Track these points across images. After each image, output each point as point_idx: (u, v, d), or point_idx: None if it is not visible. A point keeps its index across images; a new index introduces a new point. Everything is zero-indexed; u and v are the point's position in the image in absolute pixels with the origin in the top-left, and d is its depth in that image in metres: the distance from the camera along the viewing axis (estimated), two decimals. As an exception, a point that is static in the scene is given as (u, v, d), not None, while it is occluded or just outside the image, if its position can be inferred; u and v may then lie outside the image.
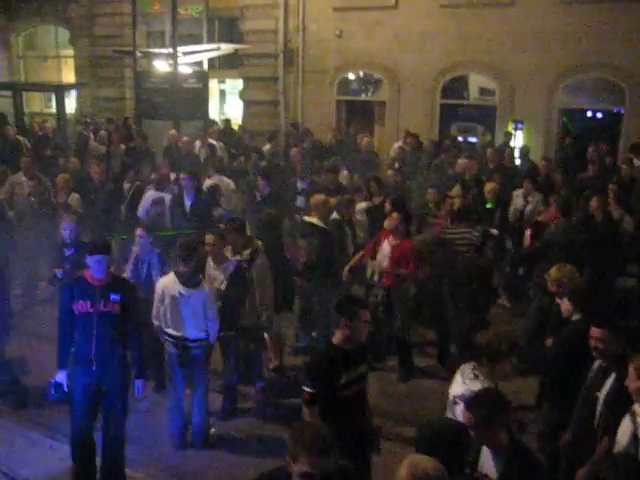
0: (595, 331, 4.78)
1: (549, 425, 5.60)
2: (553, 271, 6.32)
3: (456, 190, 11.05)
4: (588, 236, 8.58)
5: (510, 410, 3.83)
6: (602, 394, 4.73)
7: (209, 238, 7.14)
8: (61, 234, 8.40)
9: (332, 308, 5.24)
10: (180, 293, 6.42)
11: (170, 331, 6.50)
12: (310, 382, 4.59)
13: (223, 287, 7.02)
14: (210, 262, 7.27)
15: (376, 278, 8.38)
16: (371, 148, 14.22)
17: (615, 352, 4.70)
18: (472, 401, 3.77)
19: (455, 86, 16.93)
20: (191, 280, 6.51)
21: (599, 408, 4.72)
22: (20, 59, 24.72)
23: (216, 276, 7.09)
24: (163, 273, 7.28)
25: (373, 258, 8.42)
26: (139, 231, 7.81)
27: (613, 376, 4.69)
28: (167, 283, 6.53)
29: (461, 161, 12.37)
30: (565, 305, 5.79)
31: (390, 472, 3.33)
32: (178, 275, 6.48)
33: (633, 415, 4.23)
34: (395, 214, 8.26)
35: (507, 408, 3.80)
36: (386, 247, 8.15)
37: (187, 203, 10.15)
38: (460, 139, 16.26)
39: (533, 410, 6.68)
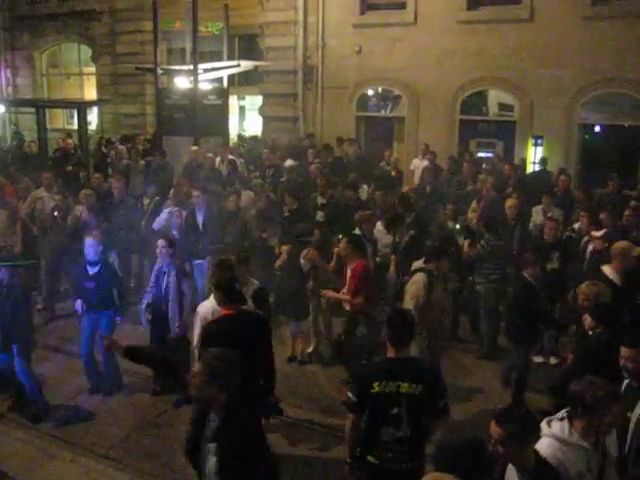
0: (625, 350, 4.70)
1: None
2: (583, 286, 6.42)
3: (473, 205, 11.04)
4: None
5: (539, 429, 3.77)
6: (635, 415, 4.56)
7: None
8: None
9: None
10: None
11: None
12: None
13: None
14: None
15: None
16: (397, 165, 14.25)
17: None
18: (502, 416, 3.73)
19: (474, 102, 16.92)
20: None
21: (631, 429, 4.55)
22: (43, 76, 25.15)
23: None
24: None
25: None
26: (161, 242, 7.84)
27: None
28: (212, 307, 6.26)
29: (482, 177, 12.36)
30: (587, 320, 5.91)
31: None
32: None
33: None
34: (343, 240, 8.22)
35: (536, 427, 3.75)
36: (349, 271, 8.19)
37: (199, 218, 10.21)
38: (480, 155, 16.21)
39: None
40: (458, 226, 10.05)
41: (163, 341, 7.87)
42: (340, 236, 8.62)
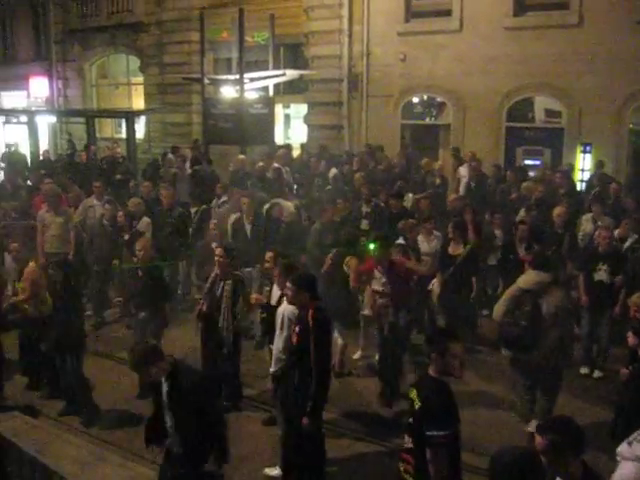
0: None
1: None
2: (635, 297, 6.31)
3: (521, 214, 10.92)
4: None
5: (584, 440, 3.70)
6: None
7: (268, 256, 7.56)
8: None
9: None
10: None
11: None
12: (445, 423, 4.33)
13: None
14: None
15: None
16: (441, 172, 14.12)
17: None
18: (545, 426, 3.68)
19: (520, 109, 16.73)
20: None
21: None
22: (93, 87, 25.72)
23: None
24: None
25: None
26: (219, 251, 7.91)
27: None
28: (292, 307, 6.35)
29: (526, 184, 12.22)
30: (630, 338, 5.87)
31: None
32: None
33: None
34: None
35: (581, 437, 3.66)
36: (378, 275, 8.16)
37: (247, 226, 10.27)
38: (527, 162, 16.01)
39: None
40: None
41: (214, 347, 7.96)
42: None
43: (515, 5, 16.01)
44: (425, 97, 18.32)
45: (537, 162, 16.00)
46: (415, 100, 18.38)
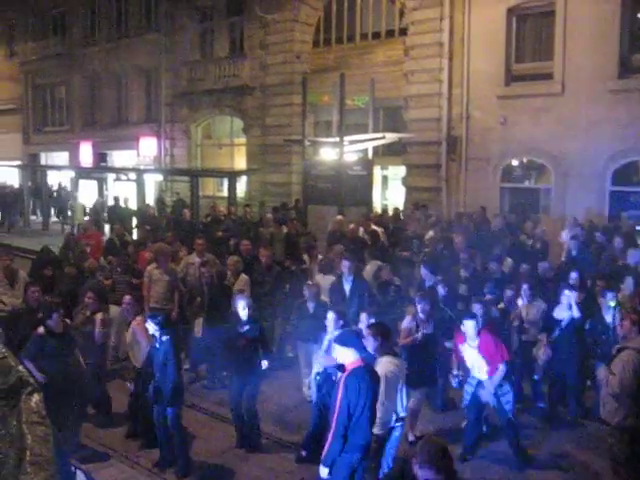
0: None
1: None
2: None
3: (627, 282, 10.48)
4: None
5: None
6: None
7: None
8: (236, 312, 8.54)
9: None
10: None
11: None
12: None
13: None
14: None
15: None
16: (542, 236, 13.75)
17: None
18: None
19: (626, 172, 16.27)
20: None
21: None
22: (198, 147, 26.87)
23: None
24: None
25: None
26: (331, 315, 8.09)
27: None
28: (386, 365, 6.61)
29: (632, 251, 11.75)
30: None
31: None
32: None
33: None
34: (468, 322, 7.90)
35: None
36: (468, 351, 7.90)
37: (346, 287, 10.26)
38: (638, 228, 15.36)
39: None
40: (613, 303, 9.45)
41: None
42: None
43: (620, 67, 15.76)
44: (525, 160, 18.10)
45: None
46: (515, 163, 18.19)
